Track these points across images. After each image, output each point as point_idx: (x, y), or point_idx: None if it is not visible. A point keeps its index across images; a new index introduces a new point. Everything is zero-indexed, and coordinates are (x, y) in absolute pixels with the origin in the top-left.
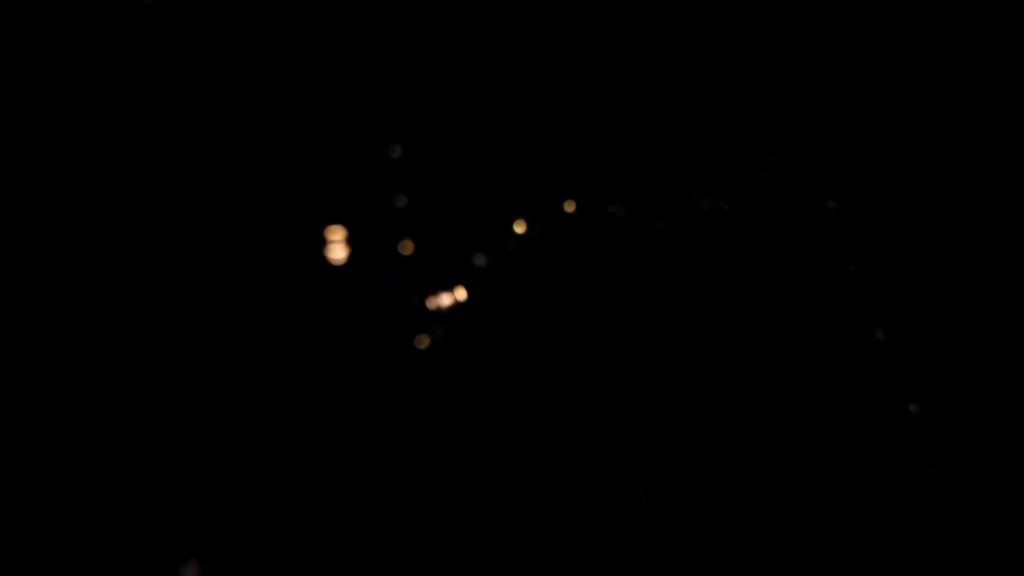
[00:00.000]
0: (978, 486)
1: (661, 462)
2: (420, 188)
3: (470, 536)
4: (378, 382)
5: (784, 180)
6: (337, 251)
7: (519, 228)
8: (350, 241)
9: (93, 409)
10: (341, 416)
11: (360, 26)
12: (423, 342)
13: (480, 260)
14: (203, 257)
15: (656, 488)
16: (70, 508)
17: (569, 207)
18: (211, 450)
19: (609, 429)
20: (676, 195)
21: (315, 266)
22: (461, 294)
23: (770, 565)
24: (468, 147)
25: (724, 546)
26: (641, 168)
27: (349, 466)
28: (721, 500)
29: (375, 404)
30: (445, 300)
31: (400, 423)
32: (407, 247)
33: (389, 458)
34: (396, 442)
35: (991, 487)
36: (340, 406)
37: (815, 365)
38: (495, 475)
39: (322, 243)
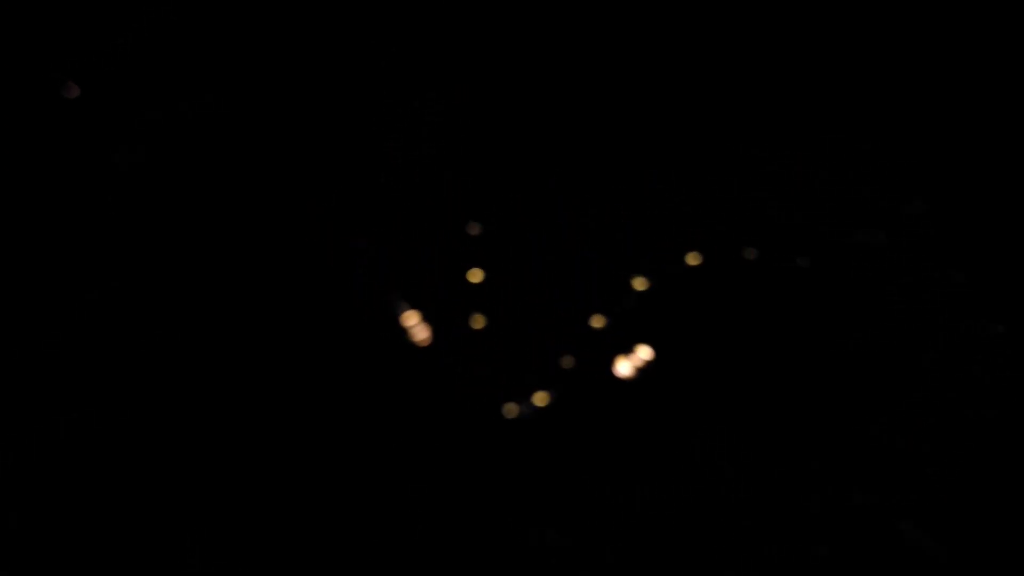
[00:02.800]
0: (977, 486)
1: (663, 462)
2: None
3: (470, 536)
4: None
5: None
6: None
7: (638, 285)
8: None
9: (93, 409)
10: (339, 416)
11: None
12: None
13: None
14: (203, 258)
15: (656, 487)
16: (70, 508)
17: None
18: (211, 450)
19: (611, 430)
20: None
21: (314, 266)
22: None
23: (769, 565)
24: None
25: (723, 546)
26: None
27: (349, 468)
28: (721, 500)
29: (375, 404)
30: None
31: (399, 422)
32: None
33: (390, 458)
34: (394, 442)
35: (990, 488)
36: (338, 406)
37: (814, 366)
38: (495, 475)
39: (326, 247)
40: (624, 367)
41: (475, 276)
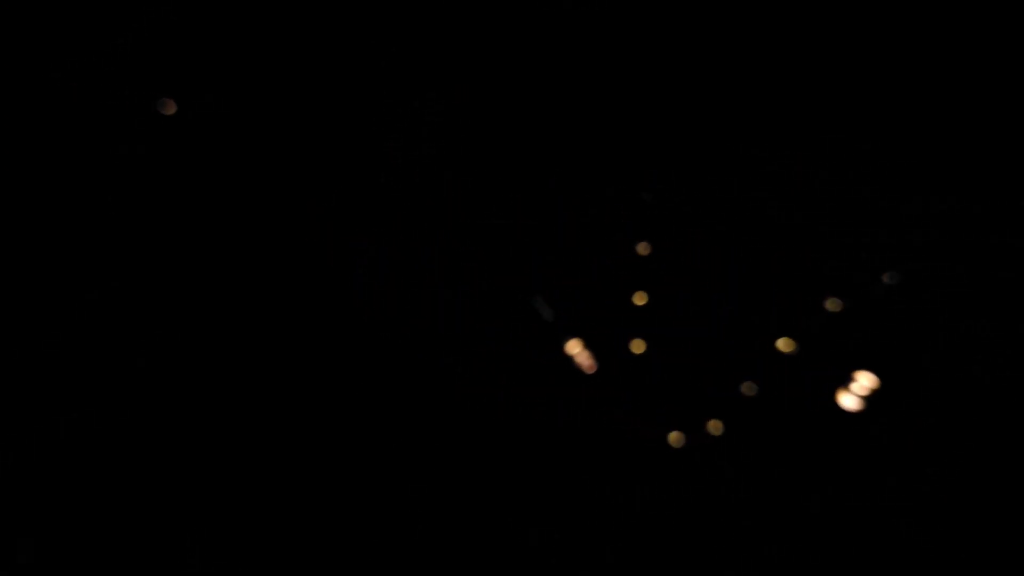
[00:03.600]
0: (977, 486)
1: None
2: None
3: (470, 536)
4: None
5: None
6: None
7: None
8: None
9: (93, 409)
10: (342, 417)
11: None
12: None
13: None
14: (203, 258)
15: (657, 487)
16: (70, 508)
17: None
18: (211, 450)
19: (613, 431)
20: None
21: (314, 266)
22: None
23: (769, 565)
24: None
25: (723, 546)
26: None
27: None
28: (721, 499)
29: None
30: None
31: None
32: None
33: (391, 459)
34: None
35: (991, 488)
36: (340, 407)
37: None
38: (496, 475)
39: (333, 245)
40: (849, 400)
41: (640, 299)
